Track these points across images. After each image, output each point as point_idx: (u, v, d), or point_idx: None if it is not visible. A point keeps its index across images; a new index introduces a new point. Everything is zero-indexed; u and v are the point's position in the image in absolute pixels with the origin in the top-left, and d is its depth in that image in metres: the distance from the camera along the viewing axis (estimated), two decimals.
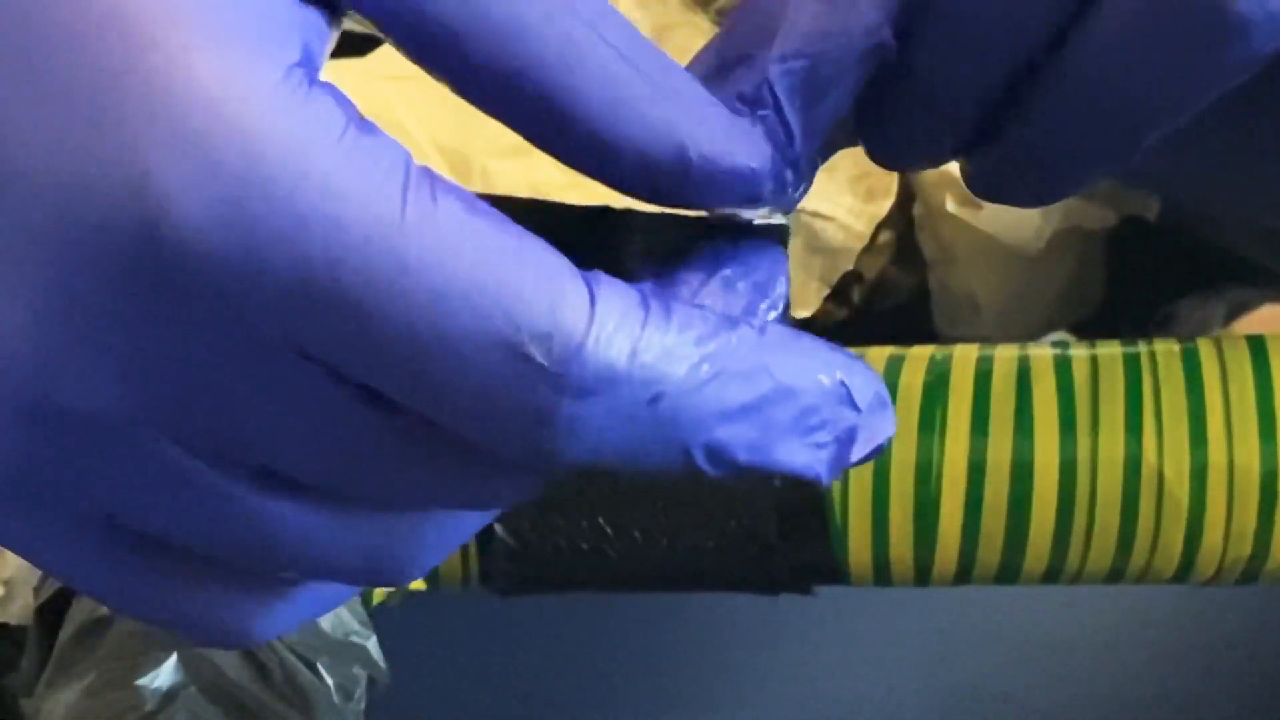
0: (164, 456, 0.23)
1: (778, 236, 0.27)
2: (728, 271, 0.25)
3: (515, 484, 0.24)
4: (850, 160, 0.52)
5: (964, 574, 0.37)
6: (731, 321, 0.23)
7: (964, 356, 0.37)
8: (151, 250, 0.21)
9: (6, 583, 0.50)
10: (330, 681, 0.35)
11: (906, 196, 0.53)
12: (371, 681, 0.36)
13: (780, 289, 0.26)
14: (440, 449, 0.23)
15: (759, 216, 0.26)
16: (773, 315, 0.26)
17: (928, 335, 0.54)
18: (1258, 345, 0.36)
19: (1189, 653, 0.50)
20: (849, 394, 0.24)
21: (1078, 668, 0.50)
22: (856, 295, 0.54)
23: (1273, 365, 0.35)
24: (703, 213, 0.26)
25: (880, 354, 0.37)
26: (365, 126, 0.22)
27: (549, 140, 0.24)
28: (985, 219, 0.51)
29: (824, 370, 0.24)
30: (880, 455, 0.34)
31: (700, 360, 0.22)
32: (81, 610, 0.36)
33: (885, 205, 0.52)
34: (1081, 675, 0.50)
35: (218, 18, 0.21)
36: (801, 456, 0.24)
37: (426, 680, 0.51)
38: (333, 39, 0.24)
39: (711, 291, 0.25)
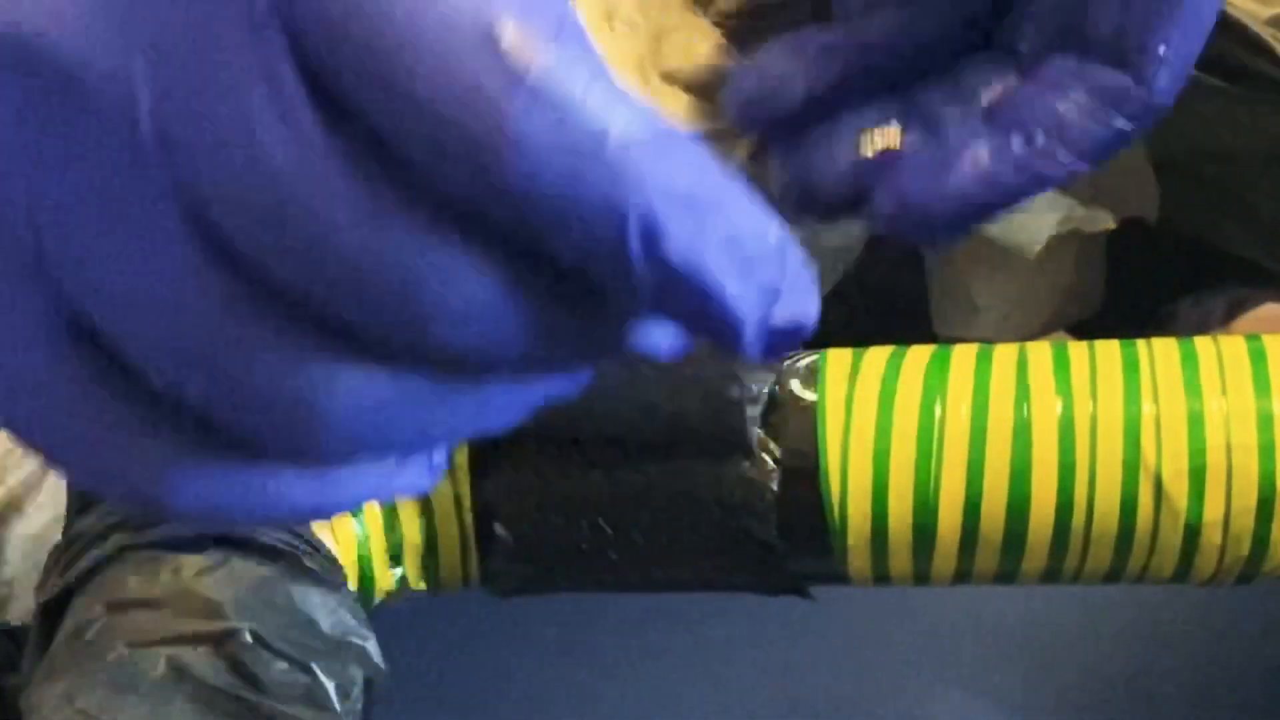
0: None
1: None
2: None
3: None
4: None
5: (963, 574, 0.37)
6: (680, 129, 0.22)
7: (963, 357, 0.37)
8: None
9: (8, 583, 0.50)
10: (328, 682, 0.35)
11: None
12: (369, 682, 0.36)
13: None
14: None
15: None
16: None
17: (928, 336, 0.54)
18: (1256, 345, 0.36)
19: (1188, 651, 0.50)
20: (783, 255, 0.22)
21: (1078, 665, 0.50)
22: (856, 295, 0.54)
23: (1271, 365, 0.35)
24: None
25: (880, 354, 0.37)
26: None
27: None
28: None
29: (768, 224, 0.22)
30: (882, 446, 0.34)
31: (650, 126, 0.21)
32: (80, 610, 0.36)
33: None
34: (1082, 673, 0.50)
35: None
36: (732, 282, 0.22)
37: (426, 680, 0.51)
38: None
39: None
